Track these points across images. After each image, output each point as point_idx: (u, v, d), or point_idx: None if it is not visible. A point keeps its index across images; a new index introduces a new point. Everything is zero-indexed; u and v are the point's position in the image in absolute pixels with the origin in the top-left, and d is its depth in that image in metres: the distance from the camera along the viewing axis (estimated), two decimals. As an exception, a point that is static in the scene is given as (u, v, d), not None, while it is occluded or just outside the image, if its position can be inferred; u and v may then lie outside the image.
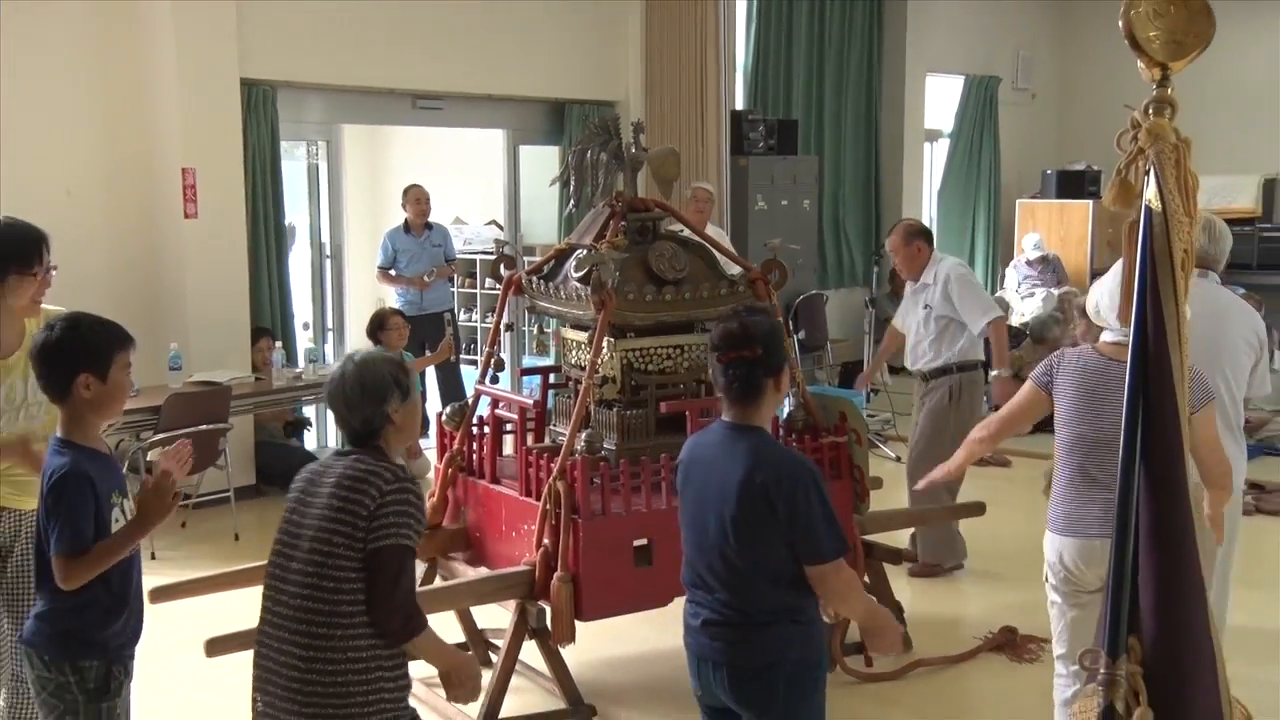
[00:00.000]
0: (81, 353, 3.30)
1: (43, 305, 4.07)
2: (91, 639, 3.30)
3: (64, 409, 3.35)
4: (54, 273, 4.07)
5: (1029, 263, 13.69)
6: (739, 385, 3.47)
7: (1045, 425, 8.38)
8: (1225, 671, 2.61)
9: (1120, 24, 2.51)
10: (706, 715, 3.67)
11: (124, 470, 4.31)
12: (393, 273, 9.68)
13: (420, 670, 5.53)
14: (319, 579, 3.19)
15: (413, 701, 5.25)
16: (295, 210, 9.70)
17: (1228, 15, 2.82)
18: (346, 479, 3.22)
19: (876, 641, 3.71)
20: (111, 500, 3.32)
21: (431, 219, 9.83)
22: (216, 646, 4.41)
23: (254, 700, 3.33)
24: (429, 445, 8.74)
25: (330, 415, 9.26)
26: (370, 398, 3.27)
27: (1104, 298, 4.30)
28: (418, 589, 3.56)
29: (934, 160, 14.48)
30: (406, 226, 9.68)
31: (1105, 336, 4.29)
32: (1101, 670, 2.57)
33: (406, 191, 9.74)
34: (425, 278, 9.60)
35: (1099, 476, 4.09)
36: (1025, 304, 13.09)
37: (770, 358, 3.47)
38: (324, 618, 3.18)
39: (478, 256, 11.77)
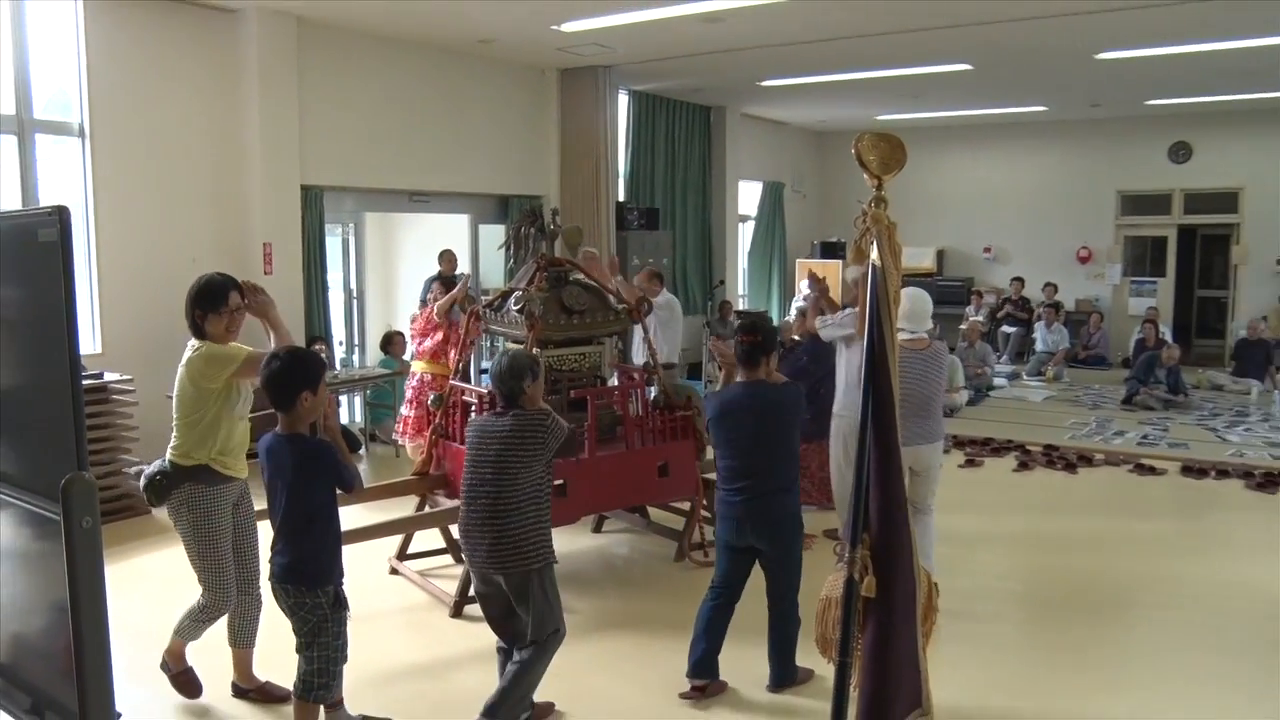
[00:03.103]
0: (302, 376, 3.20)
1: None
2: (324, 572, 3.20)
3: (286, 415, 3.19)
4: (241, 312, 3.62)
5: (804, 298, 13.88)
6: (745, 355, 3.81)
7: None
8: (917, 554, 2.64)
9: (853, 151, 2.57)
10: (728, 554, 3.93)
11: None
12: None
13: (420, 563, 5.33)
14: (515, 478, 3.37)
15: (404, 583, 5.10)
16: (334, 269, 9.37)
17: (916, 148, 2.90)
18: (523, 420, 3.44)
19: None
20: None
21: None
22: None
23: (467, 559, 3.53)
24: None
25: (357, 401, 9.11)
26: (515, 376, 3.49)
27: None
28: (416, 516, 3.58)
29: (744, 235, 14.53)
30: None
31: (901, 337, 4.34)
32: (845, 554, 2.60)
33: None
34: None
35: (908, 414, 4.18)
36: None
37: (766, 341, 3.81)
38: (514, 502, 3.37)
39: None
